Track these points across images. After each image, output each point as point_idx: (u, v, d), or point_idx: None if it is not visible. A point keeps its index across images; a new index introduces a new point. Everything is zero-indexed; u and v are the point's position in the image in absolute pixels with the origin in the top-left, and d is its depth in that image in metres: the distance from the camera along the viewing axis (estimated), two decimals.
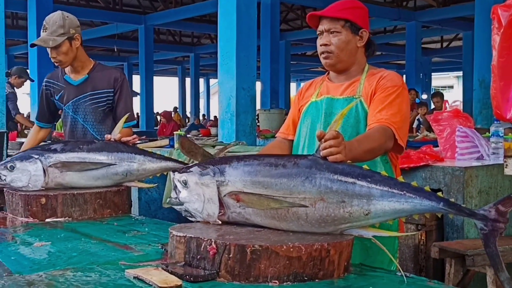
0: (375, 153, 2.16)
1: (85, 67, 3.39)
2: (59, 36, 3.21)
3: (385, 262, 2.18)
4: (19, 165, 2.65)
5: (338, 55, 2.32)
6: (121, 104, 3.36)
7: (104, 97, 3.33)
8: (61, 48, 3.23)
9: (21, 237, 2.28)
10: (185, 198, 1.99)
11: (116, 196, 2.70)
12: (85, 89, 3.34)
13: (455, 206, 1.72)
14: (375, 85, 2.29)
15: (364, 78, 2.34)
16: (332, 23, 2.31)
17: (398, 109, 2.22)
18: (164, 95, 31.38)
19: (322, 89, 2.43)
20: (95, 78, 3.35)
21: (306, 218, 1.80)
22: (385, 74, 2.32)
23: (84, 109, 3.34)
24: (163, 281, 1.61)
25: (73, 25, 3.28)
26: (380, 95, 2.25)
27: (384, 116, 2.19)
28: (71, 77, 3.38)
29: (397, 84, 2.27)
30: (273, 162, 1.88)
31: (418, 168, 3.52)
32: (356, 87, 2.33)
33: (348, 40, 2.31)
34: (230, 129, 6.56)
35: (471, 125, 3.98)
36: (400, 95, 2.26)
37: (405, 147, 2.27)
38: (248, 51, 6.62)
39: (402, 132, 2.22)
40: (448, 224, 3.40)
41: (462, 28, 17.50)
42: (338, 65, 2.35)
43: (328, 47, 2.32)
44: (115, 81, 3.35)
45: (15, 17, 17.84)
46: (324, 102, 2.37)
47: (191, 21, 17.62)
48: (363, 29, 2.34)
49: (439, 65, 27.67)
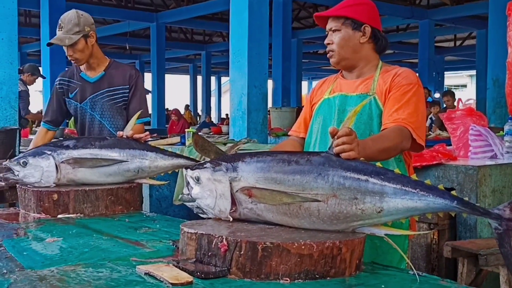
0: (389, 153, 2.15)
1: (100, 64, 3.43)
2: (74, 34, 3.25)
3: (394, 262, 2.17)
4: (31, 161, 2.67)
5: (339, 52, 2.34)
6: (134, 101, 3.38)
7: (120, 93, 3.37)
8: (77, 46, 3.27)
9: (33, 232, 2.29)
10: (197, 194, 1.99)
11: (127, 192, 2.70)
12: (101, 86, 3.37)
13: (469, 205, 1.71)
14: (390, 83, 2.27)
15: (378, 75, 2.32)
16: (334, 21, 2.36)
17: (414, 108, 2.21)
18: (176, 93, 31.44)
19: (335, 87, 2.43)
20: (111, 75, 3.40)
21: (318, 214, 1.79)
22: (400, 71, 2.30)
23: (101, 106, 3.37)
24: (174, 277, 1.61)
25: (87, 23, 3.32)
26: (396, 94, 2.24)
27: (401, 116, 2.17)
28: (87, 74, 3.41)
29: (413, 82, 2.26)
30: (286, 158, 1.87)
31: (431, 166, 3.50)
32: (370, 84, 2.32)
33: (348, 37, 2.33)
34: (241, 127, 6.56)
35: (484, 123, 3.95)
36: (416, 93, 2.24)
37: (424, 145, 2.25)
38: (260, 49, 6.61)
39: (420, 131, 2.20)
40: (461, 223, 3.37)
41: (475, 26, 17.37)
42: (342, 62, 2.37)
43: (331, 45, 2.36)
44: (130, 77, 3.39)
45: (28, 15, 17.96)
46: (338, 99, 2.36)
47: (203, 19, 17.64)
48: (365, 24, 2.34)
49: (452, 63, 27.50)
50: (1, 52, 4.63)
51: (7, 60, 4.66)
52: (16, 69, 4.90)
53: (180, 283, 1.58)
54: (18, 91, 5.01)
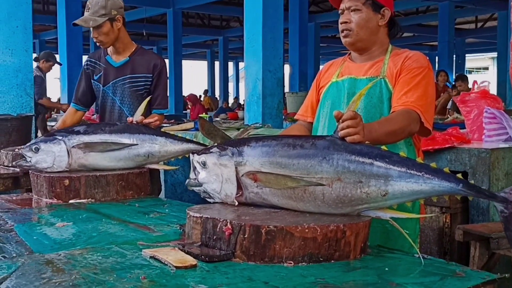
0: (397, 136, 2.12)
1: (126, 49, 3.41)
2: (100, 16, 3.25)
3: (405, 246, 2.14)
4: (43, 146, 2.70)
5: (358, 33, 2.27)
6: (157, 91, 3.37)
7: (143, 81, 3.36)
8: (102, 29, 3.27)
9: (44, 217, 2.33)
10: (203, 179, 2.00)
11: (138, 178, 2.73)
12: (125, 72, 3.37)
13: (475, 188, 1.69)
14: (400, 66, 2.24)
15: (388, 59, 2.29)
16: (353, 0, 2.27)
17: (423, 92, 2.18)
18: (193, 79, 31.50)
19: (344, 70, 2.39)
20: (136, 61, 3.38)
21: (323, 198, 1.79)
22: (411, 55, 2.27)
23: (122, 91, 3.37)
24: (179, 260, 1.63)
25: (115, 6, 3.32)
26: (406, 76, 2.21)
27: (410, 99, 2.15)
28: (112, 58, 3.41)
29: (423, 65, 2.23)
30: (290, 142, 1.88)
31: (443, 150, 3.46)
32: (380, 67, 2.29)
33: (368, 18, 2.27)
34: (256, 112, 6.56)
35: (499, 106, 3.89)
36: (426, 77, 2.21)
37: (431, 129, 2.23)
38: (275, 33, 6.59)
39: (429, 115, 2.18)
40: (474, 207, 3.34)
41: (496, 7, 17.04)
42: (358, 43, 2.31)
43: (348, 24, 2.28)
44: (155, 67, 3.37)
45: (46, 2, 18.07)
46: (347, 83, 2.33)
47: (219, 4, 17.58)
48: (385, 7, 2.29)
49: (473, 46, 27.08)
50: (16, 39, 4.67)
51: (22, 48, 4.71)
52: (31, 57, 4.94)
53: (184, 266, 1.60)
54: (33, 77, 5.05)
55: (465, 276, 1.56)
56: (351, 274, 1.58)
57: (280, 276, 1.54)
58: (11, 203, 2.64)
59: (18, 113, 4.52)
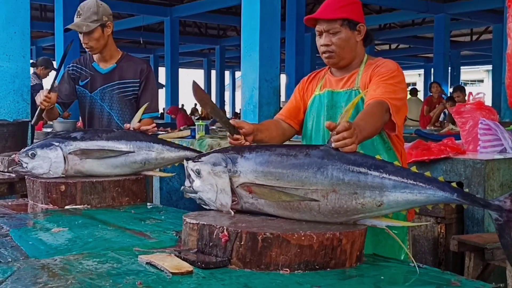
0: (379, 129, 2.19)
1: (113, 57, 3.47)
2: (92, 22, 3.31)
3: (395, 247, 2.20)
4: (40, 152, 2.70)
5: (340, 53, 2.38)
6: (144, 95, 3.42)
7: (130, 87, 3.40)
8: (93, 34, 3.32)
9: (40, 223, 2.32)
10: (198, 187, 2.01)
11: (134, 184, 2.73)
12: (112, 78, 3.42)
13: (469, 196, 1.71)
14: (371, 73, 2.34)
15: (362, 69, 2.40)
16: (330, 23, 2.36)
17: (393, 89, 2.25)
18: (190, 87, 31.45)
19: (324, 83, 2.51)
20: (123, 67, 3.43)
21: (319, 209, 1.80)
22: (380, 63, 2.37)
23: (110, 98, 3.41)
24: (175, 267, 1.63)
25: (106, 13, 3.37)
26: (375, 80, 2.30)
27: (379, 93, 2.22)
28: (99, 65, 3.45)
29: (392, 69, 2.32)
30: (284, 152, 1.88)
31: (439, 160, 3.48)
32: (355, 79, 2.39)
33: (347, 37, 2.37)
34: (252, 121, 6.54)
35: (494, 117, 3.92)
36: (395, 77, 2.29)
37: (398, 126, 2.26)
38: (272, 42, 6.61)
39: (397, 110, 2.22)
40: (468, 217, 3.35)
41: (492, 20, 17.16)
42: (341, 62, 2.41)
43: (330, 47, 2.38)
44: (142, 72, 3.43)
45: (43, 9, 18.08)
46: (326, 96, 2.44)
47: (217, 13, 17.63)
48: (360, 23, 2.39)
49: (468, 58, 27.23)
50: (14, 45, 4.67)
51: (20, 54, 4.70)
52: (29, 63, 4.94)
53: (181, 272, 1.60)
54: (30, 84, 5.05)
55: (460, 286, 1.56)
56: (347, 282, 1.59)
57: (276, 283, 1.55)
58: (7, 208, 2.63)
59: (14, 118, 4.51)
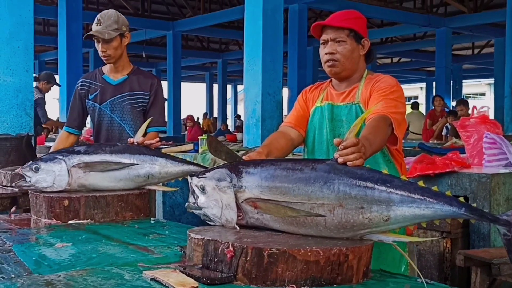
0: (384, 143, 2.22)
1: (125, 68, 3.51)
2: (113, 30, 3.36)
3: (396, 259, 2.22)
4: (43, 166, 2.69)
5: (344, 63, 2.40)
6: (153, 109, 3.43)
7: (140, 98, 3.43)
8: (112, 43, 3.37)
9: (43, 238, 2.31)
10: (203, 203, 1.99)
11: (138, 199, 2.71)
12: (123, 89, 3.44)
13: (477, 211, 1.69)
14: (370, 88, 2.37)
15: (363, 84, 2.43)
16: (337, 32, 2.39)
17: (394, 104, 2.28)
18: (192, 101, 31.56)
19: (326, 95, 2.53)
20: (133, 79, 3.48)
21: (325, 224, 1.78)
22: (380, 78, 2.41)
23: (121, 109, 3.42)
24: (180, 283, 1.61)
25: (125, 24, 3.44)
26: (375, 95, 2.33)
27: (380, 108, 2.24)
28: (110, 77, 3.48)
29: (391, 84, 2.35)
30: (290, 167, 1.86)
31: (444, 174, 3.47)
32: (355, 93, 2.42)
33: (353, 48, 2.40)
34: (255, 134, 6.56)
35: (499, 131, 3.90)
36: (395, 93, 2.32)
37: (400, 140, 2.30)
38: (274, 56, 6.63)
39: (398, 122, 2.25)
40: (474, 232, 3.33)
41: (493, 34, 17.23)
42: (343, 73, 2.43)
43: (334, 55, 2.40)
44: (152, 86, 3.46)
45: (46, 24, 18.18)
46: (327, 109, 2.47)
47: (219, 27, 17.71)
48: (364, 38, 2.44)
49: (470, 72, 27.27)
50: (17, 60, 4.68)
51: (23, 68, 4.72)
52: (32, 77, 4.95)
53: None
54: (33, 98, 5.06)
55: None
56: None
57: None
58: (10, 223, 2.62)
59: (17, 133, 4.51)
